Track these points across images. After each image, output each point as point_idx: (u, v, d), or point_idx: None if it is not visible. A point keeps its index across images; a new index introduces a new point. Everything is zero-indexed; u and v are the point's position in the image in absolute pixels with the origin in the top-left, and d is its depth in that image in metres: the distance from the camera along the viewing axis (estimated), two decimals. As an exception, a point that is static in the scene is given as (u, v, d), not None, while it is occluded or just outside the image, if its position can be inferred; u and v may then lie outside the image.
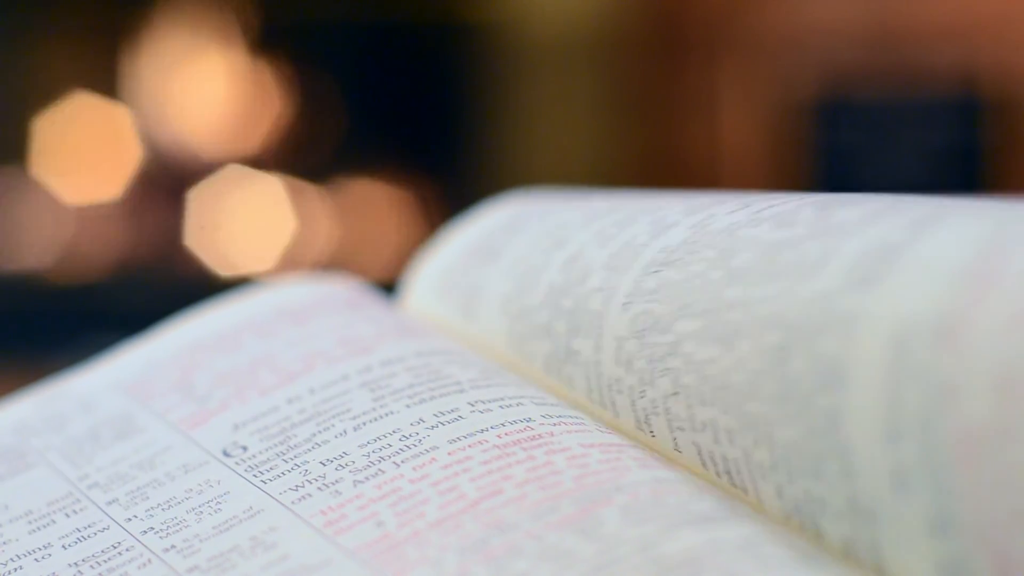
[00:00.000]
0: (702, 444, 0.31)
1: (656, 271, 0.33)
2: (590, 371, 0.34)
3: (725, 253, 0.31)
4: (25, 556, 0.33)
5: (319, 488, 0.32)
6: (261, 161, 1.71)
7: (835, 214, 0.30)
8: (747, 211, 0.32)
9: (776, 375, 0.28)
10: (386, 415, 0.35)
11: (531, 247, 0.38)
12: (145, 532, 0.33)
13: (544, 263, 0.37)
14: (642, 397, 0.33)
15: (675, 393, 0.31)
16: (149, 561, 0.32)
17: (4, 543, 0.34)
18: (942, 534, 0.25)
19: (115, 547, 0.33)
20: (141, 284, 1.65)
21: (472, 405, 0.34)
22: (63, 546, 0.33)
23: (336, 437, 0.34)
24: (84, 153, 1.69)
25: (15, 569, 0.33)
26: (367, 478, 0.32)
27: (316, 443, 0.34)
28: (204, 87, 1.71)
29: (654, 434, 0.33)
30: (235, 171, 1.71)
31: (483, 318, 0.39)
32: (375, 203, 1.72)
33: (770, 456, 0.29)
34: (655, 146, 1.74)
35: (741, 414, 0.29)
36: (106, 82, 1.69)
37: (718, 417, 0.30)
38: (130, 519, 0.33)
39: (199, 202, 1.70)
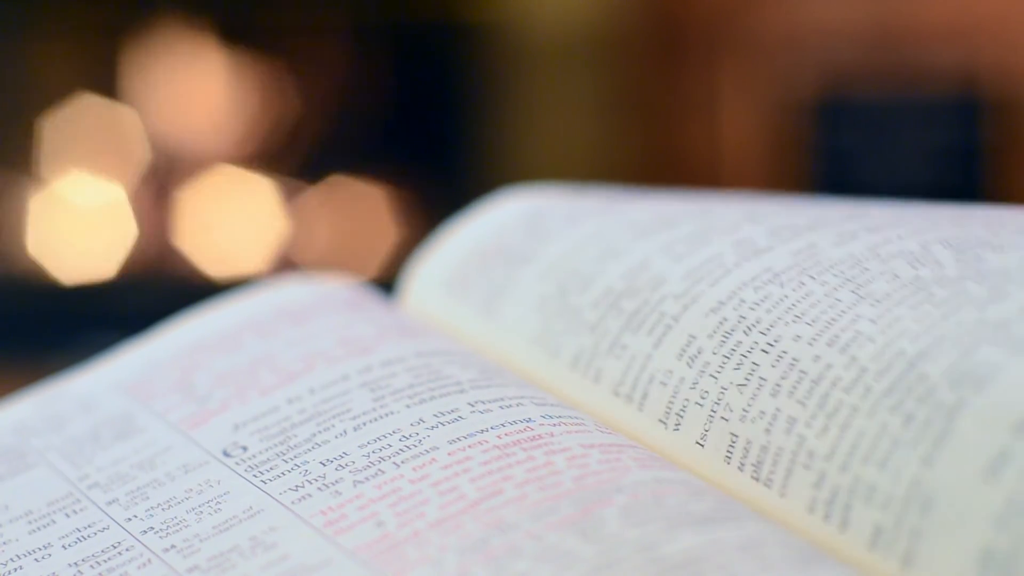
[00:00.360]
0: (742, 434, 0.32)
1: (759, 287, 0.35)
2: (633, 363, 0.36)
3: (854, 280, 0.34)
4: (25, 556, 0.33)
5: (319, 488, 0.32)
6: (258, 161, 1.71)
7: (987, 261, 0.33)
8: (858, 244, 0.35)
9: (898, 372, 0.31)
10: (386, 415, 0.35)
11: (574, 255, 0.40)
12: (145, 532, 0.33)
13: (598, 270, 0.39)
14: (692, 388, 0.34)
15: (742, 384, 0.33)
16: (149, 561, 0.32)
17: (4, 543, 0.34)
18: (1009, 522, 0.27)
19: (115, 547, 0.33)
20: (140, 284, 1.65)
21: (472, 405, 0.35)
22: (63, 546, 0.33)
23: (336, 437, 0.34)
24: (87, 154, 1.69)
25: (15, 569, 0.33)
26: (367, 478, 0.32)
27: (316, 443, 0.34)
28: (201, 87, 1.71)
29: (679, 427, 0.34)
30: (232, 171, 1.71)
31: (506, 315, 0.40)
32: (373, 203, 1.72)
33: (833, 444, 0.31)
34: (655, 146, 1.74)
35: (821, 403, 0.31)
36: (106, 83, 1.69)
37: (785, 405, 0.32)
38: (130, 519, 0.33)
39: (196, 202, 1.70)
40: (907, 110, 1.65)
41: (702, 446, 0.33)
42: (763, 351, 0.33)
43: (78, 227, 1.69)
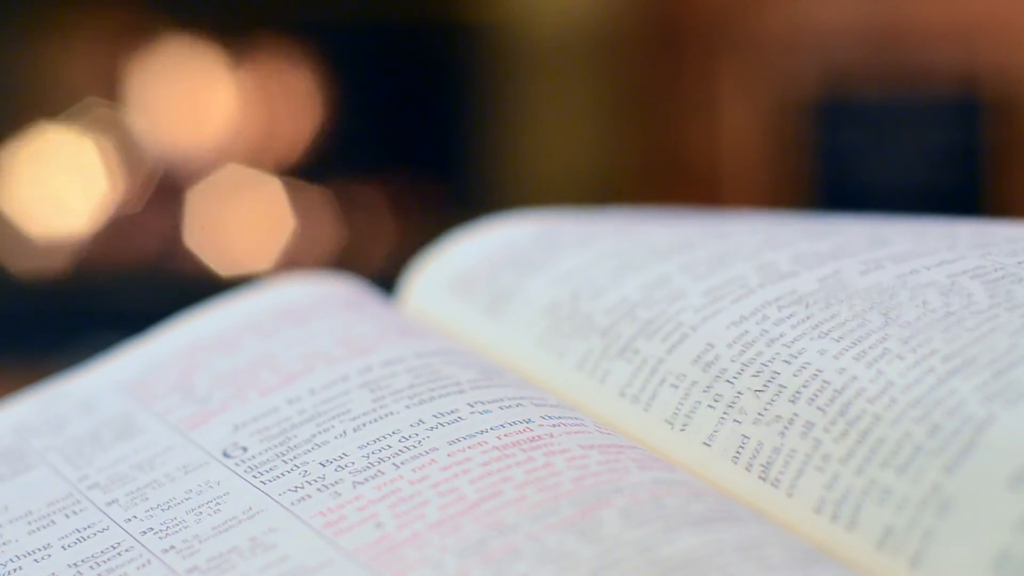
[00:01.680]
0: (754, 435, 0.33)
1: (783, 306, 0.36)
2: (643, 366, 0.36)
3: (883, 305, 0.34)
4: (25, 557, 0.33)
5: (319, 489, 0.32)
6: (261, 161, 1.71)
7: (1016, 293, 0.34)
8: (885, 273, 0.36)
9: (924, 386, 0.31)
10: (386, 416, 0.35)
11: (589, 267, 0.41)
12: (144, 533, 0.33)
13: (614, 281, 0.39)
14: (705, 391, 0.34)
15: (760, 390, 0.33)
16: (148, 562, 0.32)
17: (4, 544, 0.34)
18: None
19: (114, 548, 0.33)
20: (141, 284, 1.65)
21: (472, 406, 0.34)
22: (63, 547, 0.33)
23: (336, 438, 0.34)
24: (87, 156, 1.69)
25: (15, 570, 0.33)
26: (367, 479, 0.32)
27: (316, 444, 0.34)
28: (204, 87, 1.71)
29: (686, 427, 0.34)
30: (235, 171, 1.71)
31: (513, 318, 0.40)
32: (375, 203, 1.72)
33: (850, 448, 0.31)
34: (655, 146, 1.74)
35: (842, 411, 0.32)
36: (108, 83, 1.69)
37: (803, 411, 0.32)
38: (129, 520, 0.33)
39: (199, 202, 1.70)
40: (907, 110, 1.65)
41: (709, 446, 0.33)
42: (785, 361, 0.34)
43: (77, 225, 1.69)
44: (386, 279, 0.57)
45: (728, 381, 0.34)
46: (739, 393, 0.34)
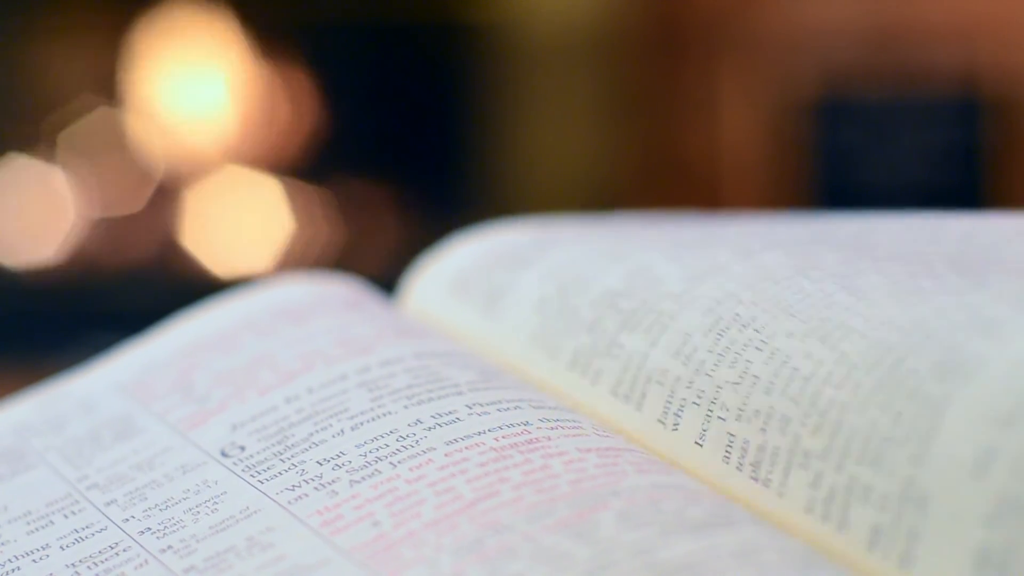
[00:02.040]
0: (739, 433, 0.32)
1: (753, 285, 0.35)
2: (630, 363, 0.36)
3: (848, 281, 0.34)
4: (23, 557, 0.33)
5: (316, 488, 0.33)
6: (260, 161, 1.71)
7: (985, 278, 0.33)
8: (861, 263, 0.36)
9: (884, 367, 0.31)
10: (384, 415, 0.35)
11: (577, 260, 0.41)
12: (142, 532, 0.33)
13: (598, 272, 0.39)
14: (688, 387, 0.34)
15: (736, 383, 0.33)
16: (146, 562, 0.32)
17: (3, 544, 0.34)
18: (1002, 520, 0.27)
19: (112, 547, 0.33)
20: (140, 284, 1.65)
21: (470, 407, 0.35)
22: (61, 547, 0.33)
23: (333, 437, 0.34)
24: (91, 154, 1.69)
25: (13, 570, 0.33)
26: (364, 478, 0.32)
27: (313, 443, 0.34)
28: (203, 87, 1.71)
29: (677, 427, 0.34)
30: (233, 171, 1.71)
31: (507, 316, 0.40)
32: (374, 203, 1.72)
33: (826, 443, 0.31)
34: (655, 146, 1.74)
35: (813, 401, 0.31)
36: (106, 81, 1.69)
37: (778, 404, 0.32)
38: (127, 520, 0.33)
39: (197, 202, 1.70)
40: (907, 110, 1.65)
41: (701, 446, 0.33)
42: (756, 349, 0.33)
43: (79, 226, 1.69)
44: (386, 279, 0.57)
45: (707, 375, 0.34)
46: (718, 387, 0.34)
